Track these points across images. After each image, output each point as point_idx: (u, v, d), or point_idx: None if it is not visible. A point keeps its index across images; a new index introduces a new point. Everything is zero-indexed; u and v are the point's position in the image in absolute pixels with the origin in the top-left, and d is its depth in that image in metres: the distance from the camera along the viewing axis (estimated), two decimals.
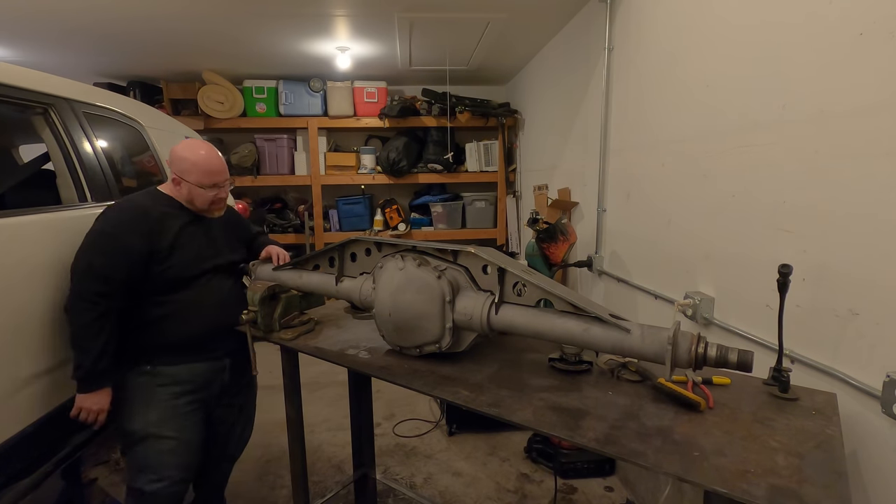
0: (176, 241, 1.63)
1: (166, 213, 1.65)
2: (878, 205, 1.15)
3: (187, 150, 1.69)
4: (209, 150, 1.71)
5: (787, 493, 0.85)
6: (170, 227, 1.64)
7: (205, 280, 1.71)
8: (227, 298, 1.76)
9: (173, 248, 1.62)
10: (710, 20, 1.77)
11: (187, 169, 1.66)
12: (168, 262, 1.61)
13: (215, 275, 1.75)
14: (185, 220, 1.69)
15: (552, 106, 3.60)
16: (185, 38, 3.33)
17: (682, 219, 1.95)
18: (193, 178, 1.66)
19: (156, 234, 1.60)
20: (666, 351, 1.08)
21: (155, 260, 1.59)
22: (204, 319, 1.69)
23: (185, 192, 1.68)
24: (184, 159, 1.67)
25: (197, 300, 1.68)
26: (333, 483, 2.48)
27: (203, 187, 1.67)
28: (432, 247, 1.46)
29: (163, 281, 1.61)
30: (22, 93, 1.75)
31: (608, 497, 2.38)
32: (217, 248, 1.78)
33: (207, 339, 1.71)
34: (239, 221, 2.02)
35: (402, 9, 2.85)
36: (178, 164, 1.67)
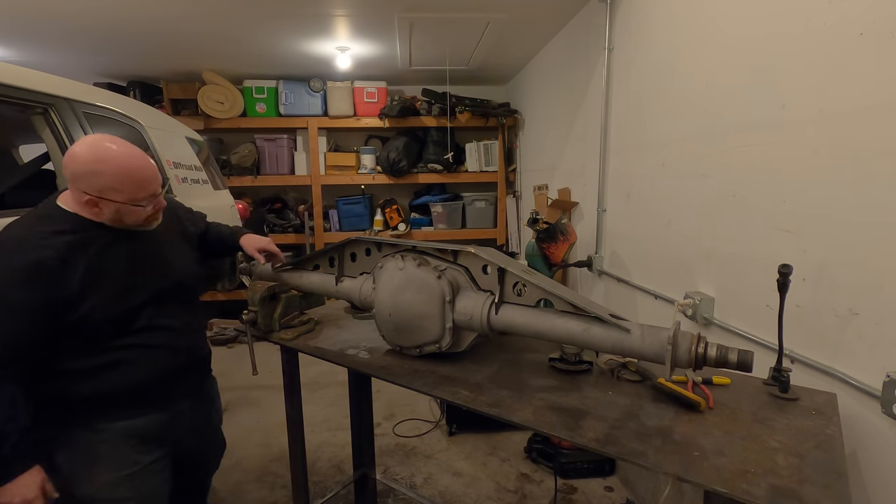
0: (89, 277, 1.21)
1: (70, 244, 1.20)
2: (878, 205, 1.15)
3: (99, 159, 1.21)
4: (129, 151, 1.26)
5: (787, 493, 0.85)
6: (76, 263, 1.20)
7: (145, 315, 1.31)
8: (181, 330, 1.40)
9: (86, 288, 1.20)
10: (709, 21, 1.77)
11: (109, 185, 1.21)
12: (81, 309, 1.20)
13: (160, 304, 1.35)
14: (101, 245, 1.25)
15: (552, 106, 3.60)
16: (186, 38, 3.33)
17: (682, 219, 1.95)
18: (123, 195, 1.23)
19: (54, 280, 1.16)
20: (666, 351, 1.08)
21: (62, 311, 1.18)
22: (149, 365, 1.33)
23: (108, 214, 1.25)
24: (99, 174, 1.20)
25: (137, 342, 1.30)
26: (333, 483, 2.48)
27: (137, 204, 1.26)
28: (432, 247, 1.46)
29: (82, 331, 1.22)
30: (22, 93, 1.75)
31: (608, 497, 2.38)
32: (157, 268, 1.37)
33: (155, 387, 1.35)
34: (179, 217, 1.56)
35: (402, 9, 2.85)
36: (91, 181, 1.20)
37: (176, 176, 2.56)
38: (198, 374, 1.52)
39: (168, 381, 1.38)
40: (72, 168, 1.21)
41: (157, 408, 1.37)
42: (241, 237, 1.70)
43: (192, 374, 1.48)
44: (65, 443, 1.29)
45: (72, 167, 1.21)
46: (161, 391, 1.38)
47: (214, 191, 3.03)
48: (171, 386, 1.39)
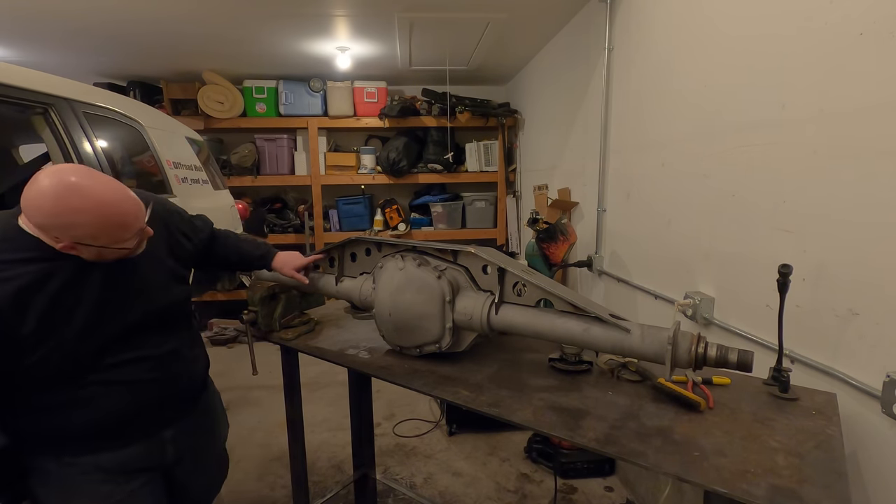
0: (47, 319, 1.03)
1: (28, 279, 1.02)
2: (878, 205, 1.15)
3: (71, 208, 1.00)
4: (104, 192, 1.04)
5: (787, 493, 0.85)
6: (33, 303, 1.01)
7: (115, 349, 1.14)
8: (164, 359, 1.23)
9: (41, 331, 1.02)
10: (709, 21, 1.77)
11: (87, 234, 1.03)
12: (34, 354, 1.03)
13: (136, 335, 1.18)
14: (66, 277, 1.06)
15: (552, 106, 3.60)
16: (186, 38, 3.33)
17: (682, 219, 1.95)
18: (104, 240, 1.06)
19: (7, 323, 0.99)
20: (666, 351, 1.08)
21: (15, 354, 1.02)
22: (122, 400, 1.16)
23: (89, 255, 1.08)
24: (72, 225, 1.01)
25: (107, 378, 1.14)
26: (333, 483, 2.48)
27: (121, 247, 1.09)
28: (432, 247, 1.46)
29: (42, 371, 1.06)
30: (22, 93, 1.75)
31: (608, 497, 2.38)
32: (132, 298, 1.17)
33: (131, 421, 1.20)
34: (170, 230, 1.32)
35: (402, 9, 2.85)
36: (65, 231, 1.01)
37: (176, 176, 2.56)
38: (187, 401, 1.34)
39: (147, 413, 1.22)
40: (38, 220, 1.01)
41: (134, 439, 1.22)
42: (273, 260, 1.57)
43: (179, 401, 1.31)
44: (39, 476, 1.16)
45: (37, 219, 1.01)
46: (139, 423, 1.22)
47: (214, 191, 3.03)
48: (150, 417, 1.23)
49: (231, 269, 1.68)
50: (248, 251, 1.58)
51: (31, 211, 1.02)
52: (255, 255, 1.58)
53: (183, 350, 1.31)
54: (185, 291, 1.34)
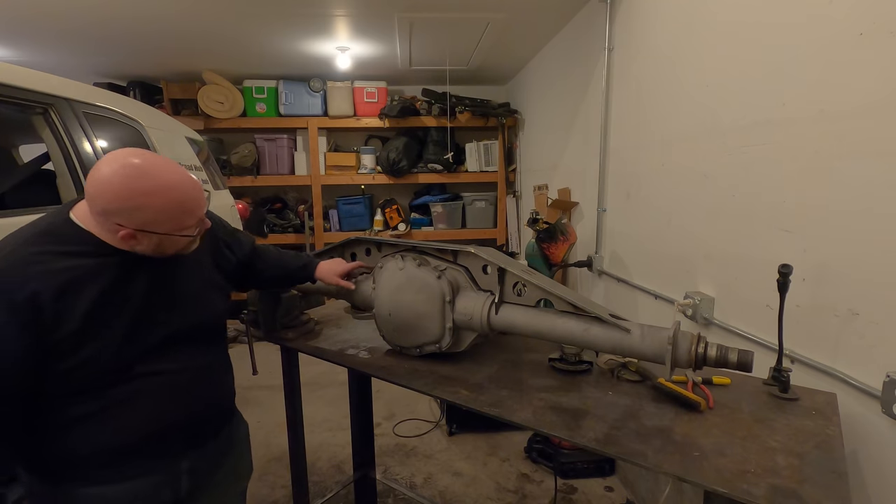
0: (91, 320, 0.95)
1: (75, 273, 0.95)
2: (878, 204, 1.15)
3: (142, 191, 0.96)
4: (174, 175, 1.00)
5: (787, 493, 0.85)
6: (79, 299, 0.95)
7: (150, 359, 1.05)
8: (194, 375, 1.13)
9: (86, 330, 0.95)
10: (709, 20, 1.77)
11: (153, 219, 0.98)
12: (77, 356, 0.95)
13: (171, 346, 1.08)
14: (114, 276, 1.00)
15: (552, 106, 3.60)
16: (186, 38, 3.33)
17: (682, 219, 1.95)
18: (168, 226, 1.00)
19: (49, 319, 0.92)
20: (666, 351, 1.08)
21: (53, 355, 0.94)
22: (152, 416, 1.07)
23: (147, 246, 1.02)
24: (141, 208, 0.96)
25: (132, 391, 1.03)
26: (333, 483, 2.48)
27: (184, 234, 1.04)
28: (432, 247, 1.46)
29: (75, 378, 0.98)
30: (22, 93, 1.75)
31: (608, 497, 2.38)
32: (175, 306, 1.10)
33: (155, 442, 1.08)
34: (217, 239, 1.27)
35: (402, 9, 2.85)
36: (131, 216, 0.96)
37: None
38: (212, 427, 1.20)
39: (170, 436, 1.10)
40: (102, 204, 0.95)
41: (150, 467, 1.08)
42: (315, 270, 1.49)
43: (203, 425, 1.17)
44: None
45: (101, 203, 0.95)
46: (160, 448, 1.09)
47: (215, 191, 3.03)
48: (173, 440, 1.11)
49: (273, 286, 1.56)
50: (291, 263, 1.49)
51: (96, 196, 0.96)
52: (298, 267, 1.49)
53: (217, 368, 1.22)
54: (226, 306, 1.26)
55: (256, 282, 1.48)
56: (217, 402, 1.22)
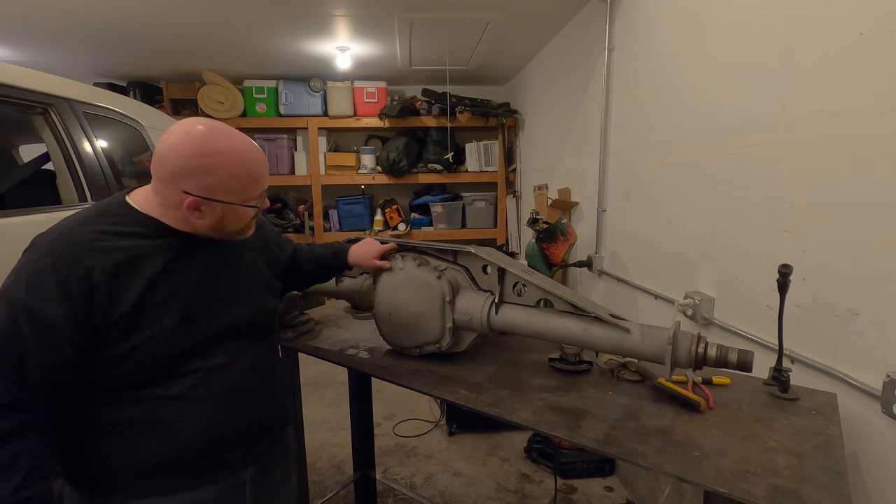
0: (145, 300, 0.92)
1: (131, 252, 0.92)
2: (878, 204, 1.15)
3: (215, 149, 0.93)
4: (242, 138, 0.98)
5: (787, 493, 0.85)
6: (133, 280, 0.91)
7: (205, 354, 0.99)
8: (250, 374, 1.05)
9: (139, 314, 0.91)
10: (709, 20, 1.77)
11: (221, 184, 0.94)
12: (127, 342, 0.90)
13: (227, 340, 1.02)
14: (169, 258, 0.96)
15: (552, 106, 3.60)
16: (186, 37, 3.33)
17: (682, 219, 1.95)
18: (235, 195, 0.97)
19: (101, 299, 0.88)
20: (666, 351, 1.08)
21: (102, 341, 0.90)
22: (212, 417, 0.98)
23: (209, 220, 0.97)
24: (212, 169, 0.93)
25: (188, 391, 0.96)
26: (333, 483, 2.48)
27: (249, 204, 1.00)
28: (432, 247, 1.46)
29: (125, 370, 0.92)
30: (22, 93, 1.75)
31: (608, 497, 2.38)
32: (230, 295, 1.05)
33: (213, 452, 1.00)
34: (266, 236, 1.24)
35: (402, 9, 2.85)
36: (201, 179, 0.93)
37: None
38: (271, 432, 1.13)
39: (232, 441, 1.02)
40: (173, 163, 0.92)
41: (213, 476, 1.00)
42: (348, 255, 1.44)
43: (264, 431, 1.10)
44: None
45: (173, 162, 0.92)
46: (222, 454, 1.01)
47: None
48: (235, 446, 1.03)
49: (312, 282, 1.50)
50: (322, 253, 1.44)
51: (169, 156, 0.92)
52: (330, 255, 1.44)
53: (275, 366, 1.15)
54: (278, 305, 1.21)
55: (297, 281, 1.42)
56: (279, 400, 1.16)
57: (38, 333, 0.85)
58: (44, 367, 0.86)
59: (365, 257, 1.45)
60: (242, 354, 1.05)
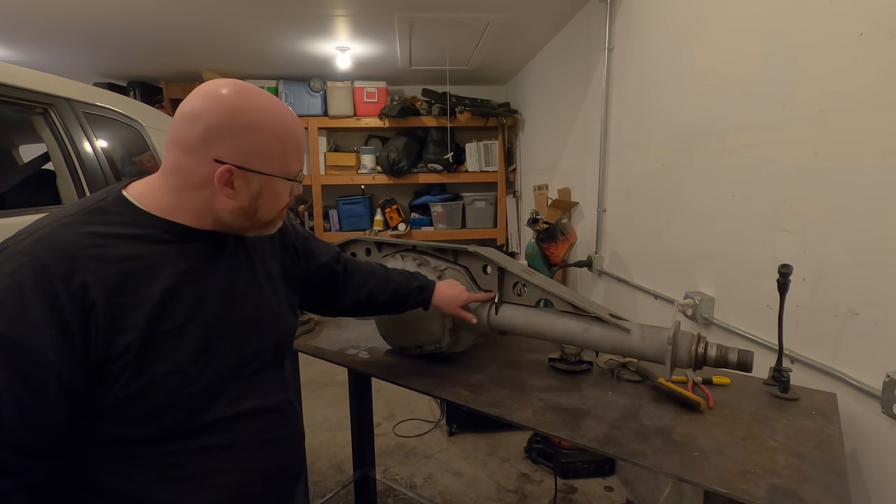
0: (157, 325, 0.71)
1: (138, 266, 0.72)
2: (878, 205, 1.15)
3: (258, 100, 0.76)
4: (278, 100, 0.81)
5: (787, 493, 0.85)
6: (141, 298, 0.71)
7: (230, 393, 0.80)
8: (281, 415, 0.89)
9: (150, 343, 0.71)
10: (709, 21, 1.77)
11: (261, 148, 0.76)
12: (139, 379, 0.70)
13: (250, 375, 0.84)
14: (182, 269, 0.76)
15: (552, 106, 3.60)
16: (186, 37, 3.33)
17: (682, 219, 1.95)
18: (274, 164, 0.78)
19: (101, 322, 0.67)
20: (666, 351, 1.08)
21: (104, 377, 0.68)
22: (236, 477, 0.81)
23: (242, 199, 0.78)
24: (252, 129, 0.75)
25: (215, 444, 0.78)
26: (333, 483, 2.48)
27: (290, 178, 0.82)
28: (432, 247, 1.46)
29: (133, 418, 0.71)
30: (22, 93, 1.75)
31: (608, 497, 2.38)
32: (255, 315, 0.86)
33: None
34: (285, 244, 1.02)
35: (402, 9, 2.85)
36: (237, 141, 0.74)
37: None
38: (290, 482, 0.95)
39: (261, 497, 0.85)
40: (206, 121, 0.73)
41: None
42: (433, 294, 1.25)
43: (284, 482, 0.92)
44: None
45: (206, 120, 0.73)
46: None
47: None
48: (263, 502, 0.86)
49: (369, 312, 1.29)
50: (402, 284, 1.22)
51: (198, 113, 0.73)
52: (414, 289, 1.23)
53: (294, 402, 0.95)
54: (295, 326, 1.01)
55: (345, 304, 1.17)
56: (297, 443, 0.97)
57: (16, 371, 0.62)
58: (24, 419, 0.63)
59: (451, 305, 1.25)
60: (270, 391, 0.87)
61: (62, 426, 0.67)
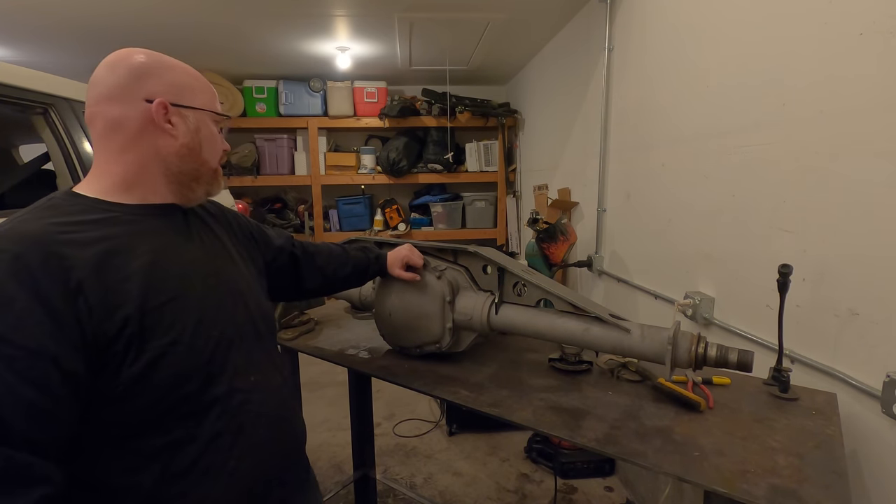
0: (149, 296, 0.71)
1: (114, 244, 0.71)
2: (878, 204, 1.15)
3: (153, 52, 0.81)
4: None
5: (787, 493, 0.85)
6: (127, 272, 0.70)
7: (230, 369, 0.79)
8: (285, 390, 0.92)
9: (149, 315, 0.70)
10: (709, 21, 1.77)
11: (186, 83, 0.82)
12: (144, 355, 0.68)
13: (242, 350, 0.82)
14: (156, 244, 0.76)
15: (552, 106, 3.60)
16: (185, 37, 3.33)
17: (682, 219, 1.95)
18: (202, 97, 0.83)
19: (93, 301, 0.65)
20: (666, 351, 1.08)
21: (107, 359, 0.66)
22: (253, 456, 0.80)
23: (183, 133, 0.80)
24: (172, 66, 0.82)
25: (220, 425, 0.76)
26: (333, 483, 2.48)
27: (219, 114, 0.87)
28: (432, 247, 1.46)
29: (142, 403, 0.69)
30: (22, 93, 1.75)
31: (608, 497, 2.38)
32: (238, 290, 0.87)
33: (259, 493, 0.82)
34: (244, 228, 1.03)
35: (402, 9, 2.85)
36: (162, 76, 0.79)
37: None
38: (303, 464, 1.02)
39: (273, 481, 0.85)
40: (127, 65, 0.76)
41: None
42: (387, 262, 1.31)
43: (298, 462, 0.97)
44: None
45: (127, 64, 0.76)
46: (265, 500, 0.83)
47: None
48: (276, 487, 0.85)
49: (331, 290, 1.32)
50: (362, 259, 1.29)
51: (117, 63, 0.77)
52: (371, 260, 1.30)
53: (290, 385, 0.97)
54: (272, 307, 1.01)
55: (311, 283, 1.20)
56: (299, 429, 0.97)
57: (11, 369, 0.59)
58: (32, 417, 0.60)
59: (394, 267, 1.32)
60: (269, 372, 0.87)
61: (71, 422, 0.64)
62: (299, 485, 0.95)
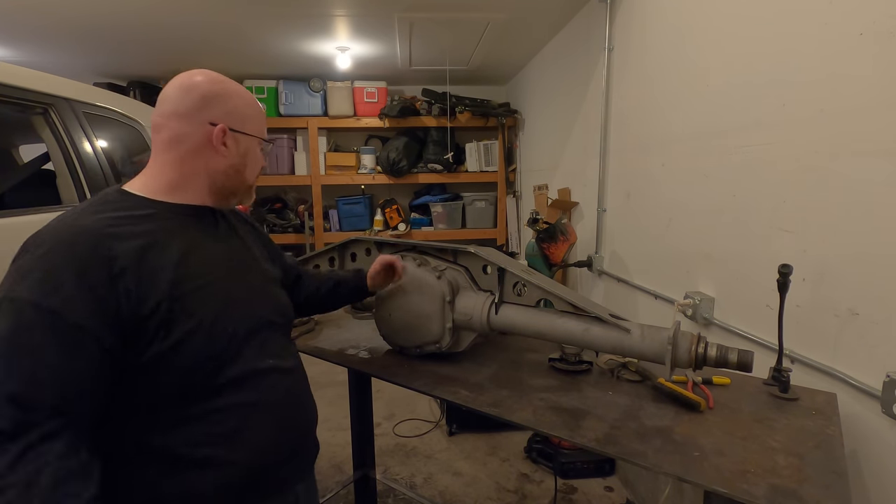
0: (179, 285, 0.81)
1: (153, 238, 0.82)
2: (878, 204, 1.15)
3: (226, 80, 0.93)
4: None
5: (787, 493, 0.85)
6: (162, 263, 0.81)
7: (251, 351, 0.89)
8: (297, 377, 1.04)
9: (177, 302, 0.80)
10: (709, 21, 1.77)
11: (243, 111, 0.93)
12: (170, 336, 0.79)
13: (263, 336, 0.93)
14: (189, 239, 0.87)
15: (552, 106, 3.60)
16: (186, 38, 3.33)
17: (683, 219, 1.95)
18: (253, 126, 0.94)
19: (131, 286, 0.76)
20: (666, 351, 1.08)
21: (139, 336, 0.77)
22: (268, 431, 0.89)
23: (233, 155, 0.92)
24: (231, 94, 0.92)
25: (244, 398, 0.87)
26: (333, 483, 2.48)
27: (266, 140, 0.99)
28: (432, 247, 1.47)
29: (169, 377, 0.80)
30: (22, 93, 1.75)
31: (608, 497, 2.38)
32: (255, 289, 0.97)
33: (272, 463, 0.91)
34: (260, 234, 1.15)
35: (402, 9, 2.85)
36: (226, 102, 0.90)
37: None
38: (312, 445, 1.13)
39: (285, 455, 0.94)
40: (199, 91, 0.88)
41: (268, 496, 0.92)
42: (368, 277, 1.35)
43: (307, 442, 1.09)
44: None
45: (200, 90, 0.89)
46: (277, 470, 0.92)
47: None
48: (286, 459, 0.95)
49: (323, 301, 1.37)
50: (343, 275, 1.37)
51: (191, 86, 0.89)
52: (351, 275, 1.37)
53: (299, 367, 1.07)
54: (290, 302, 1.10)
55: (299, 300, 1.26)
56: (314, 411, 1.11)
57: (58, 339, 0.70)
58: (67, 382, 0.70)
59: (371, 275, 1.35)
60: (285, 357, 0.97)
61: (104, 387, 0.75)
62: (309, 461, 1.09)
